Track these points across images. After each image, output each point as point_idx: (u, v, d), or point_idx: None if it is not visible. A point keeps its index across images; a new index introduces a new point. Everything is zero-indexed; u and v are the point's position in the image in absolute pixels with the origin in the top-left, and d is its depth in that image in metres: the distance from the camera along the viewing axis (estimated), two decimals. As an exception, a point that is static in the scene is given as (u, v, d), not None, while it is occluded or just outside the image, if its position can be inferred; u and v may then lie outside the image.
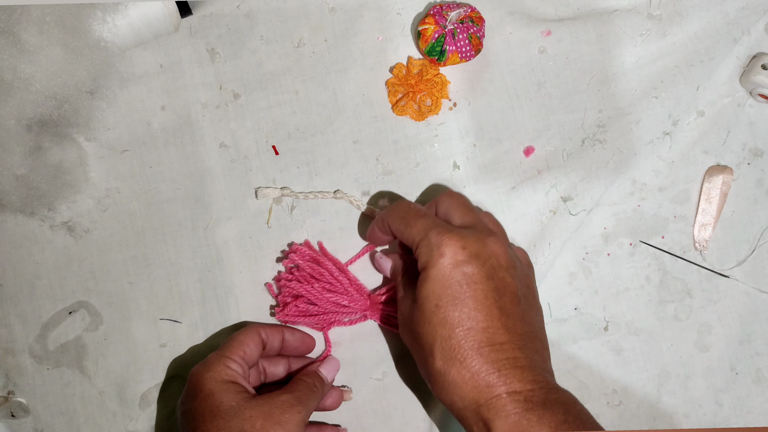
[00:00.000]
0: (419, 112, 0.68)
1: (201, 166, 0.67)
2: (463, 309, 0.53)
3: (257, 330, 0.61)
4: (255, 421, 0.54)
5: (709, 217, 0.68)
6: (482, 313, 0.53)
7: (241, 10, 0.69)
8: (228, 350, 0.59)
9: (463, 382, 0.52)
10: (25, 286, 0.66)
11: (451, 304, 0.54)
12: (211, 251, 0.67)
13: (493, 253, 0.55)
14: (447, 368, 0.53)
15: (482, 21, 0.67)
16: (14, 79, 0.58)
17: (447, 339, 0.53)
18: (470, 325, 0.53)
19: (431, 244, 0.55)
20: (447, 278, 0.54)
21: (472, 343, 0.53)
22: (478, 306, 0.54)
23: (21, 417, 0.65)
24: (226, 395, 0.56)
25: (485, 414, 0.52)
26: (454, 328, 0.53)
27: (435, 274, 0.54)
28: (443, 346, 0.53)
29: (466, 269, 0.54)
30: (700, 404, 0.66)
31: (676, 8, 0.69)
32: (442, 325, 0.53)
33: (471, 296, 0.54)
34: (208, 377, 0.57)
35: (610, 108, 0.68)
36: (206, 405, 0.56)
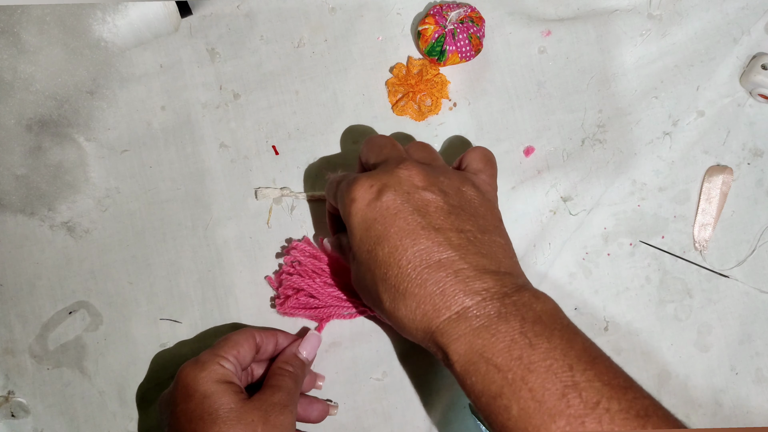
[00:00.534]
0: (419, 112, 0.68)
1: (201, 166, 0.67)
2: (389, 242, 0.51)
3: (252, 333, 0.59)
4: (256, 426, 0.53)
5: (709, 217, 0.68)
6: (408, 238, 0.50)
7: (241, 10, 0.69)
8: (222, 349, 0.57)
9: (411, 313, 0.50)
10: (25, 286, 0.66)
11: (377, 244, 0.51)
12: (211, 251, 0.67)
13: (403, 177, 0.53)
14: (395, 306, 0.51)
15: (482, 21, 0.67)
16: (14, 79, 0.58)
17: (385, 279, 0.51)
18: (400, 256, 0.50)
19: (342, 194, 0.54)
20: (365, 220, 0.52)
21: (409, 272, 0.50)
22: (402, 234, 0.51)
23: (21, 417, 0.65)
24: (224, 397, 0.54)
25: (439, 340, 0.49)
26: (388, 266, 0.51)
27: (354, 221, 0.53)
28: (384, 286, 0.51)
29: (378, 204, 0.52)
30: (700, 404, 0.66)
31: (676, 8, 0.69)
32: (377, 266, 0.51)
33: (392, 227, 0.51)
34: (203, 377, 0.55)
35: (610, 108, 0.68)
36: (204, 408, 0.54)
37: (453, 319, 0.49)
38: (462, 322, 0.48)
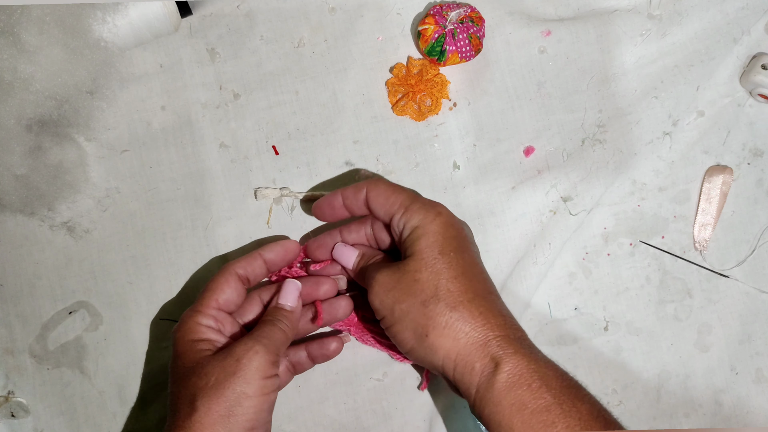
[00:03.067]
0: (419, 112, 0.68)
1: (201, 166, 0.67)
2: (464, 258, 0.57)
3: (232, 270, 0.59)
4: (209, 377, 0.54)
5: (709, 217, 0.68)
6: (478, 265, 0.58)
7: (241, 10, 0.69)
8: (199, 303, 0.58)
9: (472, 318, 0.54)
10: (25, 286, 0.66)
11: (455, 251, 0.56)
12: (211, 251, 0.67)
13: (466, 226, 0.61)
14: (454, 307, 0.54)
15: (482, 21, 0.67)
16: (14, 79, 0.58)
17: (453, 281, 0.55)
18: (473, 273, 0.56)
19: (426, 204, 0.58)
20: (447, 231, 0.57)
21: (477, 288, 0.56)
22: (474, 259, 0.58)
23: (21, 417, 0.65)
24: (188, 356, 0.56)
25: (495, 349, 0.53)
26: (460, 273, 0.56)
27: (435, 228, 0.57)
28: (449, 287, 0.55)
29: (459, 228, 0.58)
30: (700, 404, 0.66)
31: (676, 8, 0.69)
32: (447, 269, 0.56)
33: (467, 250, 0.58)
34: (179, 337, 0.57)
35: (610, 108, 0.68)
36: (175, 366, 0.57)
37: (511, 338, 0.54)
38: (520, 343, 0.54)
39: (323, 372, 0.65)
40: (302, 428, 0.65)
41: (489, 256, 0.66)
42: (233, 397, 0.53)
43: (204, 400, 0.53)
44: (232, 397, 0.53)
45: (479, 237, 0.66)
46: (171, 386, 0.57)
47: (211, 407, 0.53)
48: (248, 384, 0.54)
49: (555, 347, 0.66)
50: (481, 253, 0.66)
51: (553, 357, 0.66)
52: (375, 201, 0.59)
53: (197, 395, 0.53)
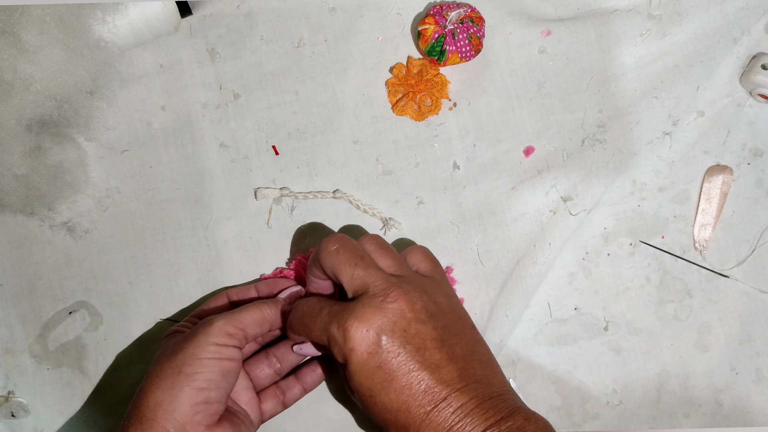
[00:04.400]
0: (419, 112, 0.68)
1: (201, 166, 0.67)
2: (394, 389, 0.53)
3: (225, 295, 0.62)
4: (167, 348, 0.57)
5: (709, 217, 0.68)
6: (414, 380, 0.53)
7: (241, 10, 0.69)
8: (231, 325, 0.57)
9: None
10: (25, 286, 0.66)
11: (382, 390, 0.53)
12: (211, 251, 0.67)
13: (396, 312, 0.54)
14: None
15: (482, 21, 0.67)
16: (14, 79, 0.58)
17: (394, 422, 0.53)
18: (408, 401, 0.53)
19: (337, 342, 0.53)
20: (367, 369, 0.53)
21: (418, 415, 0.52)
22: (407, 379, 0.53)
23: (21, 417, 0.65)
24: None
25: None
26: (397, 411, 0.53)
27: (355, 369, 0.53)
28: (395, 427, 0.53)
29: (380, 352, 0.53)
30: (700, 404, 0.66)
31: (676, 8, 0.69)
32: (384, 411, 0.53)
33: (397, 374, 0.53)
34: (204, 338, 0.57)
35: (610, 108, 0.68)
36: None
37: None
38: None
39: (323, 372, 0.65)
40: (302, 428, 0.65)
41: (489, 256, 0.66)
42: (182, 359, 0.55)
43: (156, 365, 0.55)
44: (181, 358, 0.55)
45: (479, 237, 0.66)
46: None
47: (162, 368, 0.55)
48: (199, 347, 0.55)
49: (555, 347, 0.66)
50: (482, 253, 0.66)
51: (553, 357, 0.66)
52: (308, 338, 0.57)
53: (154, 361, 0.56)
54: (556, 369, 0.66)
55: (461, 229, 0.67)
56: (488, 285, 0.66)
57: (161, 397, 0.54)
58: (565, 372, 0.66)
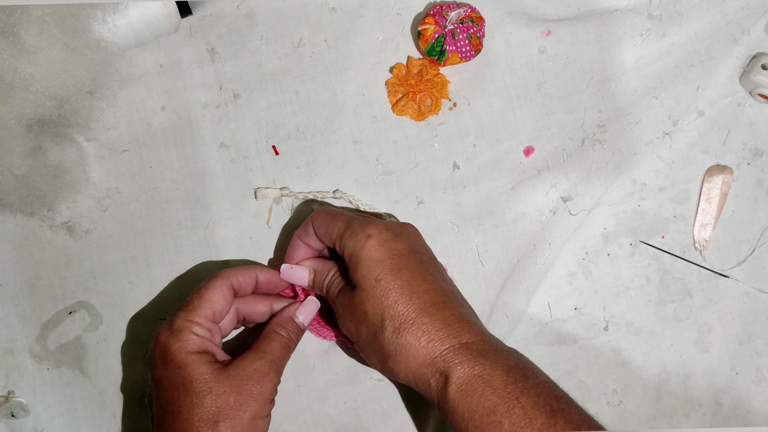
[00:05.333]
0: (419, 112, 0.68)
1: (201, 166, 0.67)
2: (401, 277, 0.56)
3: (227, 280, 0.59)
4: (228, 396, 0.55)
5: (709, 217, 0.68)
6: (419, 278, 0.57)
7: (241, 10, 0.69)
8: (195, 313, 0.57)
9: (416, 340, 0.55)
10: (25, 286, 0.66)
11: (389, 276, 0.56)
12: (211, 251, 0.67)
13: (411, 232, 0.60)
14: (399, 332, 0.55)
15: (482, 21, 0.67)
16: (14, 79, 0.58)
17: (393, 306, 0.56)
18: (413, 290, 0.56)
19: (356, 230, 0.58)
20: (378, 254, 0.57)
21: (419, 306, 0.56)
22: (413, 274, 0.57)
23: (21, 417, 0.65)
24: (197, 368, 0.55)
25: (441, 365, 0.54)
26: (400, 294, 0.56)
27: (367, 254, 0.57)
28: (392, 314, 0.56)
29: (393, 245, 0.57)
30: (700, 404, 0.66)
31: (676, 8, 0.69)
32: (386, 295, 0.56)
33: (404, 266, 0.57)
34: (177, 348, 0.56)
35: (610, 108, 0.68)
36: (179, 378, 0.55)
37: (456, 347, 0.55)
38: (465, 350, 0.55)
39: (323, 372, 0.65)
40: (302, 428, 0.65)
41: (489, 256, 0.66)
42: (252, 420, 0.55)
43: (228, 424, 0.54)
44: (250, 420, 0.55)
45: (479, 237, 0.66)
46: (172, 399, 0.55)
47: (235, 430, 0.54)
48: (262, 407, 0.56)
49: (555, 347, 0.66)
50: (482, 253, 0.66)
51: (553, 357, 0.66)
52: (318, 232, 0.60)
53: (219, 417, 0.54)
54: (556, 369, 0.66)
55: (461, 229, 0.67)
56: (488, 285, 0.66)
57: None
58: (565, 372, 0.66)
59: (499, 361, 0.54)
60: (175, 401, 0.55)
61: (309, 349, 0.66)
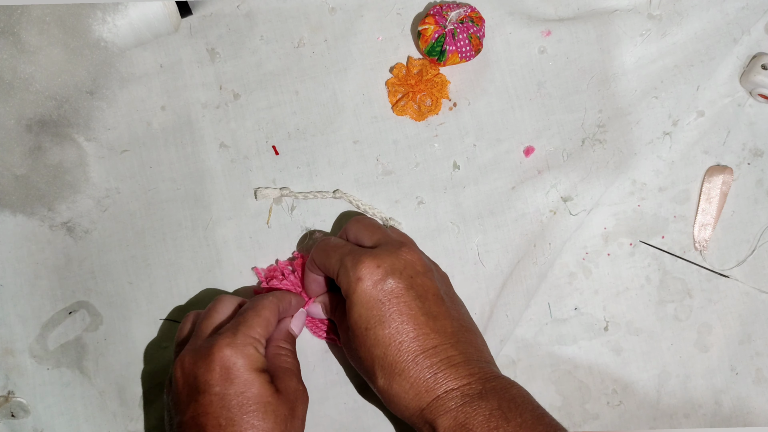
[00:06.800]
0: (419, 112, 0.68)
1: (201, 166, 0.67)
2: (391, 325, 0.55)
3: (275, 304, 0.59)
4: (286, 420, 0.56)
5: (709, 217, 0.68)
6: (410, 324, 0.56)
7: (241, 10, 0.69)
8: (255, 330, 0.57)
9: (404, 392, 0.55)
10: (25, 286, 0.66)
11: (378, 324, 0.56)
12: (211, 251, 0.67)
13: (407, 262, 0.57)
14: (389, 384, 0.56)
15: (482, 21, 0.67)
16: (14, 79, 0.58)
17: (383, 357, 0.56)
18: (401, 339, 0.55)
19: (348, 270, 0.57)
20: (369, 300, 0.56)
21: (407, 356, 0.55)
22: (404, 318, 0.56)
23: (21, 417, 0.65)
24: (262, 388, 0.55)
25: (428, 416, 0.54)
26: (387, 346, 0.55)
27: (357, 299, 0.56)
28: (381, 364, 0.56)
29: (385, 286, 0.56)
30: (700, 404, 0.66)
31: (676, 8, 0.69)
32: (375, 345, 0.56)
33: (396, 311, 0.56)
34: (243, 365, 0.55)
35: (610, 108, 0.68)
36: (244, 397, 0.54)
37: (441, 397, 0.54)
38: (449, 400, 0.54)
39: (323, 372, 0.65)
40: (302, 428, 0.65)
41: (489, 257, 0.66)
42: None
43: None
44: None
45: (479, 237, 0.66)
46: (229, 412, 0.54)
47: None
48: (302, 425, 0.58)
49: (555, 347, 0.66)
50: (482, 253, 0.66)
51: (553, 357, 0.66)
52: (321, 268, 0.60)
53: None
54: (556, 369, 0.66)
55: (461, 230, 0.67)
56: (488, 285, 0.66)
57: None
58: (565, 372, 0.66)
59: (482, 405, 0.53)
60: (238, 421, 0.54)
61: (309, 349, 0.66)
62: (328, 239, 0.60)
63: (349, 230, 0.61)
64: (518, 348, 0.67)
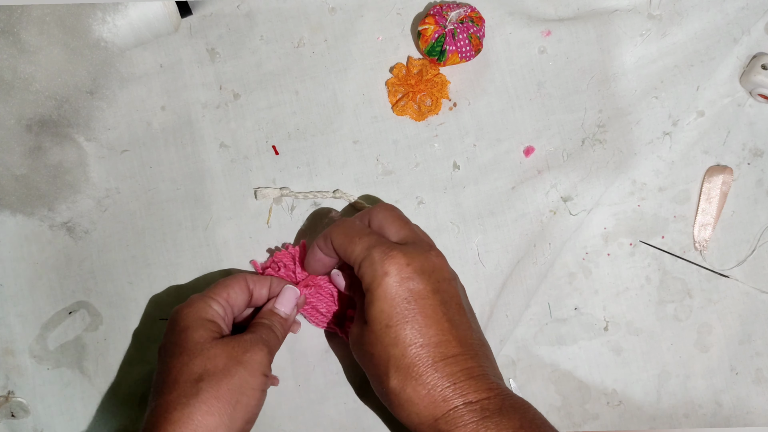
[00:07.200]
0: (419, 112, 0.68)
1: (201, 166, 0.67)
2: (414, 326, 0.53)
3: (244, 277, 0.60)
4: (218, 360, 0.54)
5: (709, 217, 0.68)
6: (433, 328, 0.53)
7: (241, 10, 0.69)
8: (212, 291, 0.58)
9: (419, 398, 0.53)
10: (25, 286, 0.66)
11: (401, 323, 0.53)
12: (211, 251, 0.67)
13: (436, 265, 0.55)
14: (402, 386, 0.53)
15: (482, 21, 0.67)
16: (14, 79, 0.58)
17: (401, 358, 0.53)
18: (423, 342, 0.53)
19: (374, 262, 0.54)
20: (394, 296, 0.54)
21: (426, 360, 0.53)
22: (428, 322, 0.54)
23: (21, 417, 0.65)
24: (197, 332, 0.55)
25: (443, 427, 0.52)
26: (407, 347, 0.53)
27: (382, 294, 0.54)
28: (398, 365, 0.53)
29: (412, 285, 0.54)
30: (700, 404, 0.66)
31: (676, 8, 0.69)
32: (395, 344, 0.53)
33: (420, 312, 0.54)
34: (186, 313, 0.57)
35: (610, 108, 0.68)
36: (178, 340, 0.55)
37: (459, 408, 0.52)
38: (468, 413, 0.52)
39: (323, 372, 0.65)
40: (302, 428, 0.65)
41: (489, 257, 0.66)
42: (238, 386, 0.53)
43: (212, 383, 0.53)
44: (237, 386, 0.53)
45: (479, 237, 0.66)
46: (168, 360, 0.55)
47: (220, 393, 0.53)
48: (253, 377, 0.54)
49: (555, 347, 0.66)
50: (482, 253, 0.66)
51: (553, 357, 0.66)
52: (338, 251, 0.57)
53: (203, 376, 0.53)
54: (556, 369, 0.66)
55: (461, 229, 0.67)
56: (488, 285, 0.66)
57: (216, 424, 0.52)
58: (565, 372, 0.66)
59: (503, 422, 0.51)
60: (169, 363, 0.55)
61: (309, 349, 0.66)
62: (351, 222, 0.58)
63: (375, 216, 0.58)
64: (518, 348, 0.67)
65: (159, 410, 0.53)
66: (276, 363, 0.65)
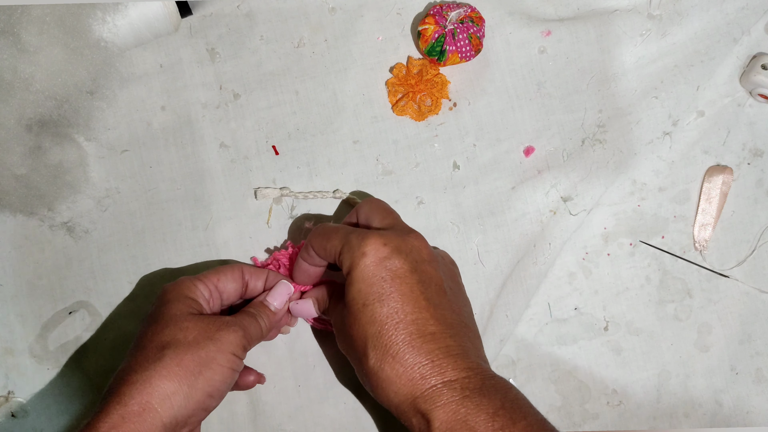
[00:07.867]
0: (419, 112, 0.68)
1: (201, 166, 0.67)
2: (390, 304, 0.53)
3: (240, 267, 0.60)
4: (189, 332, 0.54)
5: (709, 217, 0.68)
6: (410, 305, 0.53)
7: (241, 10, 0.69)
8: (202, 274, 0.59)
9: (396, 376, 0.52)
10: (25, 286, 0.66)
11: (377, 301, 0.53)
12: (211, 251, 0.67)
13: (414, 247, 0.55)
14: (380, 365, 0.52)
15: (482, 21, 0.67)
16: (14, 79, 0.58)
17: (377, 336, 0.53)
18: (399, 319, 0.53)
19: (352, 246, 0.54)
20: (371, 276, 0.53)
21: (403, 337, 0.52)
22: (405, 299, 0.53)
23: (21, 417, 0.65)
24: (175, 305, 0.56)
25: (422, 406, 0.51)
26: (384, 324, 0.53)
27: (359, 274, 0.54)
28: (375, 343, 0.53)
29: (389, 264, 0.54)
30: (700, 404, 0.66)
31: (676, 8, 0.69)
32: (371, 323, 0.53)
33: (397, 290, 0.53)
34: (170, 289, 0.57)
35: (610, 108, 0.68)
36: (156, 312, 0.56)
37: (438, 387, 0.51)
38: (448, 391, 0.51)
39: (323, 372, 0.65)
40: (302, 428, 0.65)
41: (489, 257, 0.66)
42: (205, 358, 0.53)
43: (177, 351, 0.53)
44: (203, 358, 0.53)
45: (479, 237, 0.66)
46: (142, 329, 0.56)
47: (183, 361, 0.53)
48: (221, 353, 0.54)
49: (555, 347, 0.66)
50: (482, 253, 0.66)
51: (553, 357, 0.66)
52: (319, 254, 0.58)
53: (170, 344, 0.54)
54: (556, 369, 0.66)
55: (461, 229, 0.67)
56: (488, 285, 0.66)
57: (174, 390, 0.52)
58: (565, 372, 0.66)
59: (484, 402, 0.50)
60: (142, 330, 0.56)
61: (309, 349, 0.66)
62: (327, 224, 0.58)
63: (361, 209, 0.59)
64: (518, 348, 0.67)
65: (121, 372, 0.54)
66: (276, 363, 0.65)
